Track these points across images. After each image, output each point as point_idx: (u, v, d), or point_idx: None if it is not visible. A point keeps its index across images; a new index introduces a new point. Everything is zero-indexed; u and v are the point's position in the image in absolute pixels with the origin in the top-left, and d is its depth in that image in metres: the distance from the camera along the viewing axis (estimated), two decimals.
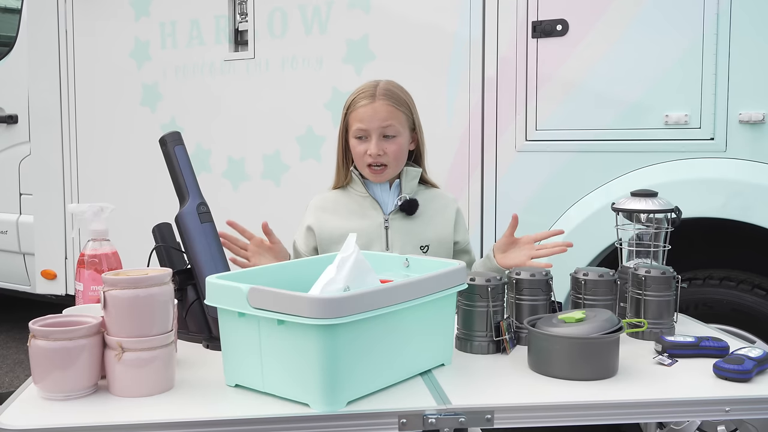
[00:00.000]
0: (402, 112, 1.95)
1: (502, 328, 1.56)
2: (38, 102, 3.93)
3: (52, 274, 3.95)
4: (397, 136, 1.93)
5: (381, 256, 1.68)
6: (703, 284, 2.47)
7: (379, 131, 1.92)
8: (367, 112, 1.92)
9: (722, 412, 1.31)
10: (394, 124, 1.93)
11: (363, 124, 1.92)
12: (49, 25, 3.82)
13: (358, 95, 1.96)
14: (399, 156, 1.95)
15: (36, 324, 1.32)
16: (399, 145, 1.94)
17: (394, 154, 1.94)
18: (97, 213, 1.58)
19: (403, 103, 1.96)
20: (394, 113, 1.93)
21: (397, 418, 1.25)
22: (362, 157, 1.94)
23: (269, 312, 1.25)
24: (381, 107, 1.92)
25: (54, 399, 1.30)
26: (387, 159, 1.93)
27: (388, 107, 1.92)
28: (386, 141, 1.92)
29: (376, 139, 1.92)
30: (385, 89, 1.95)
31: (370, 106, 1.92)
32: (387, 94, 1.94)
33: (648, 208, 1.81)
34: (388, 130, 1.92)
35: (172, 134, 1.71)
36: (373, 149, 1.91)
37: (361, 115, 1.93)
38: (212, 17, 3.33)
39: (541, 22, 2.61)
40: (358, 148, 1.94)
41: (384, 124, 1.92)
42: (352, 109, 1.95)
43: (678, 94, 2.43)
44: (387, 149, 1.92)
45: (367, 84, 1.98)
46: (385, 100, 1.93)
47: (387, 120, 1.92)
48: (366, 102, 1.93)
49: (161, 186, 2.15)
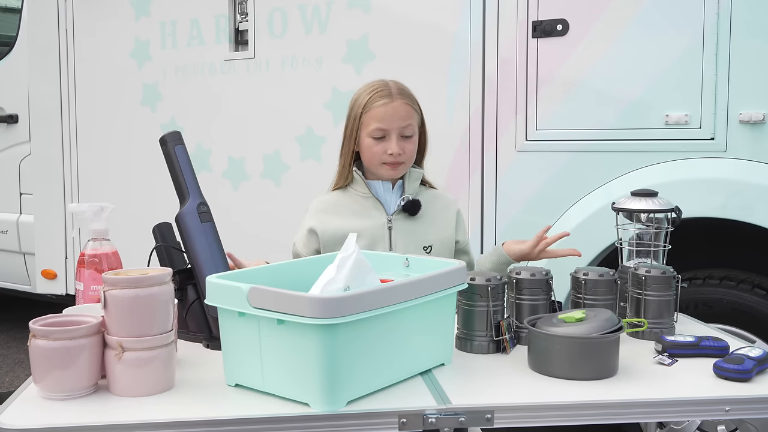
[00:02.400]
0: (417, 111, 1.97)
1: (502, 328, 1.57)
2: (38, 101, 3.93)
3: (52, 274, 3.95)
4: (413, 135, 1.95)
5: (381, 255, 1.68)
6: (703, 284, 2.47)
7: (398, 131, 1.92)
8: (388, 112, 1.91)
9: (722, 411, 1.31)
10: (412, 124, 1.94)
11: (383, 123, 1.91)
12: (49, 25, 3.82)
13: (374, 94, 1.94)
14: (413, 155, 1.98)
15: (36, 324, 1.32)
16: (415, 144, 1.96)
17: (411, 153, 1.96)
18: (98, 212, 1.58)
19: (416, 101, 1.98)
20: (411, 113, 1.94)
21: (397, 418, 1.25)
22: (380, 156, 1.93)
23: (269, 312, 1.25)
24: (401, 107, 1.92)
25: (54, 399, 1.30)
26: (405, 158, 1.94)
27: (406, 107, 1.93)
28: (405, 140, 1.93)
29: (397, 139, 1.92)
30: (400, 89, 1.95)
31: (390, 106, 1.91)
32: (403, 94, 1.94)
33: (648, 207, 1.81)
34: (407, 130, 1.93)
35: (172, 134, 1.71)
36: (395, 148, 1.91)
37: (380, 115, 1.91)
38: (212, 17, 3.33)
39: (541, 21, 2.61)
40: (375, 148, 1.93)
41: (404, 123, 1.92)
42: (368, 108, 1.93)
43: (678, 93, 2.43)
44: (405, 148, 1.93)
45: (378, 83, 1.97)
46: (403, 99, 1.93)
47: (407, 120, 1.92)
48: (385, 101, 1.92)
49: (161, 186, 2.15)
